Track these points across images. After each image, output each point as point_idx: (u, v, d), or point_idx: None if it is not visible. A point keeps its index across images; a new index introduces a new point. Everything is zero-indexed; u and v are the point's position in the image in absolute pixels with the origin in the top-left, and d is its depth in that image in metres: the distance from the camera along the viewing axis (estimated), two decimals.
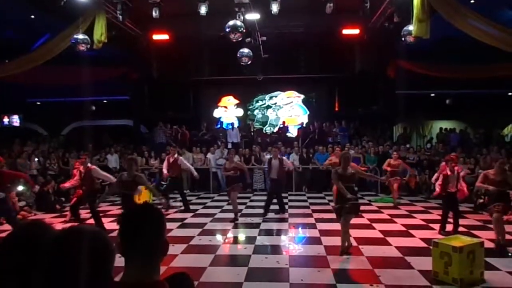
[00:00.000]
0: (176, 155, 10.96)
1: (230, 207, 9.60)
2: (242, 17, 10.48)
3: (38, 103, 19.47)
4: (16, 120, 18.55)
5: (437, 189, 8.04)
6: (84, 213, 9.06)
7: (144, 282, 1.42)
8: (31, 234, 1.60)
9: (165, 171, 10.95)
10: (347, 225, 6.34)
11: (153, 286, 1.44)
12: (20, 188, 11.08)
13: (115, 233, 1.48)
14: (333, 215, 9.53)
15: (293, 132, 18.13)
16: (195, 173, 11.05)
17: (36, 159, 13.25)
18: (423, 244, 7.07)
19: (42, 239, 1.43)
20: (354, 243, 6.96)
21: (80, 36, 10.34)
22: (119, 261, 1.45)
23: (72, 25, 10.88)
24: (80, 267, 1.30)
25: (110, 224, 8.63)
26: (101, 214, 10.17)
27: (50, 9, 10.89)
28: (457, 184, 7.67)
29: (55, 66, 12.79)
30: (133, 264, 1.45)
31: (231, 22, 10.00)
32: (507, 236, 7.06)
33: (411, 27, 9.64)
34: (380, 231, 8.14)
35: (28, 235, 1.61)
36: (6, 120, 18.40)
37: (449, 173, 7.73)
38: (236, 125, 17.87)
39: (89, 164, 8.60)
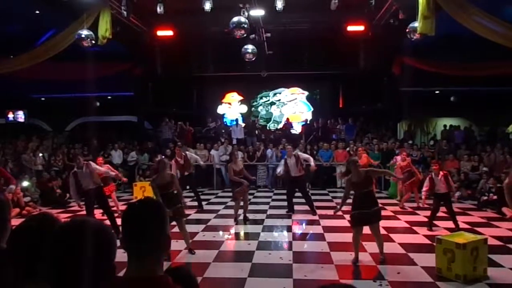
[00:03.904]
0: (183, 154, 10.72)
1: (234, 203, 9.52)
2: (246, 14, 10.45)
3: (43, 99, 19.51)
4: (20, 116, 18.60)
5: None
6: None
7: (147, 276, 1.43)
8: (39, 225, 1.65)
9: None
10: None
11: (157, 280, 1.45)
12: (25, 183, 11.17)
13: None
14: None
15: (297, 129, 18.12)
16: (202, 162, 11.66)
17: (41, 155, 13.32)
18: (426, 241, 7.08)
19: (49, 230, 1.46)
20: None
21: (85, 32, 10.31)
22: (123, 256, 1.47)
23: (77, 21, 10.87)
24: (83, 258, 1.32)
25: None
26: None
27: (55, 4, 10.90)
28: None
29: (60, 62, 12.81)
30: (136, 259, 1.46)
31: (235, 18, 9.96)
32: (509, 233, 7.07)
33: (416, 24, 9.59)
34: (384, 227, 8.10)
35: (36, 226, 1.66)
36: (10, 115, 18.46)
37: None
38: (240, 121, 17.87)
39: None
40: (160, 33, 14.94)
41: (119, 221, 6.74)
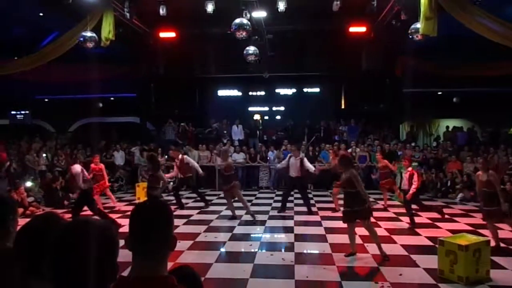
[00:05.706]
0: (180, 156, 10.85)
1: (235, 204, 9.53)
2: (248, 15, 10.48)
3: (46, 100, 19.60)
4: (24, 116, 18.72)
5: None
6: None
7: (152, 276, 1.45)
8: (44, 225, 1.67)
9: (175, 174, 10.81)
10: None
11: (161, 280, 1.47)
12: (29, 183, 11.22)
13: (122, 229, 1.51)
14: (338, 213, 9.53)
15: None
16: (200, 171, 10.91)
17: (44, 155, 13.39)
18: (428, 243, 7.07)
19: (54, 230, 1.48)
20: (360, 241, 6.98)
21: (88, 34, 10.38)
22: (127, 256, 1.49)
23: (80, 23, 10.93)
24: (86, 257, 1.33)
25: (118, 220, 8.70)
26: (108, 210, 10.29)
27: (58, 7, 10.96)
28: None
29: (63, 63, 12.88)
30: (141, 259, 1.48)
31: (237, 20, 9.98)
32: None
33: (418, 25, 9.59)
34: (386, 229, 8.14)
35: (42, 225, 1.68)
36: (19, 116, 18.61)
37: None
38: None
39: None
40: (162, 34, 15.00)
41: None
